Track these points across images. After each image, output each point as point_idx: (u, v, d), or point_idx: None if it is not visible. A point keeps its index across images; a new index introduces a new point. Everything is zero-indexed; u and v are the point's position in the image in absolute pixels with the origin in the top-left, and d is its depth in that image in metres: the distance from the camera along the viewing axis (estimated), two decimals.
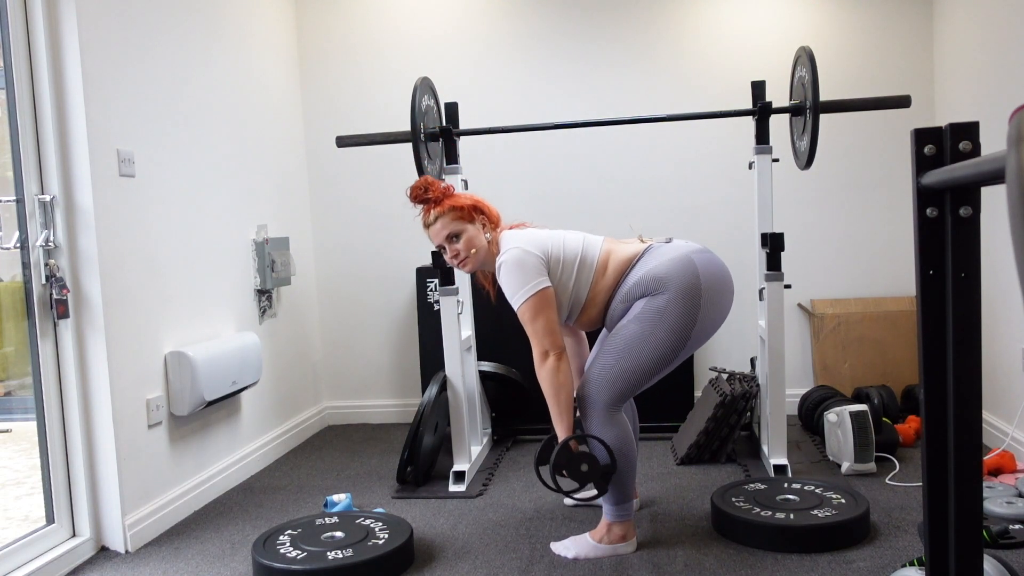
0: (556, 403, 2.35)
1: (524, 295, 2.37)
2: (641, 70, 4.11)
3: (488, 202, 2.59)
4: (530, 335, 2.39)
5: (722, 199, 4.09)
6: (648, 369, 2.36)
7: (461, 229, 2.52)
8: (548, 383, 2.36)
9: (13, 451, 3.37)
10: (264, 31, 3.89)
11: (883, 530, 2.52)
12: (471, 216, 2.52)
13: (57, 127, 2.52)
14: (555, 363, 2.35)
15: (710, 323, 2.37)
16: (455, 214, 2.51)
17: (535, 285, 2.37)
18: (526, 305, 2.37)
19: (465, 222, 2.52)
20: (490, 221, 2.55)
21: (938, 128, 1.19)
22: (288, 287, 3.95)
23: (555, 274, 2.42)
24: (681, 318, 2.32)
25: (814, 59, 2.90)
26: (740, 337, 4.11)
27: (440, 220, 2.52)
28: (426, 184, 2.55)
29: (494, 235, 2.54)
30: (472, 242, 2.52)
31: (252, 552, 2.37)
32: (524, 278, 2.37)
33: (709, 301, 2.34)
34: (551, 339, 2.36)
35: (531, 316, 2.37)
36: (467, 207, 2.52)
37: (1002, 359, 3.29)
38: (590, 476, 2.31)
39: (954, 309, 1.19)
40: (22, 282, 2.51)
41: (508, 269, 2.40)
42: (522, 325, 2.42)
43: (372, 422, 4.34)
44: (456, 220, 2.52)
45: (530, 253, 2.40)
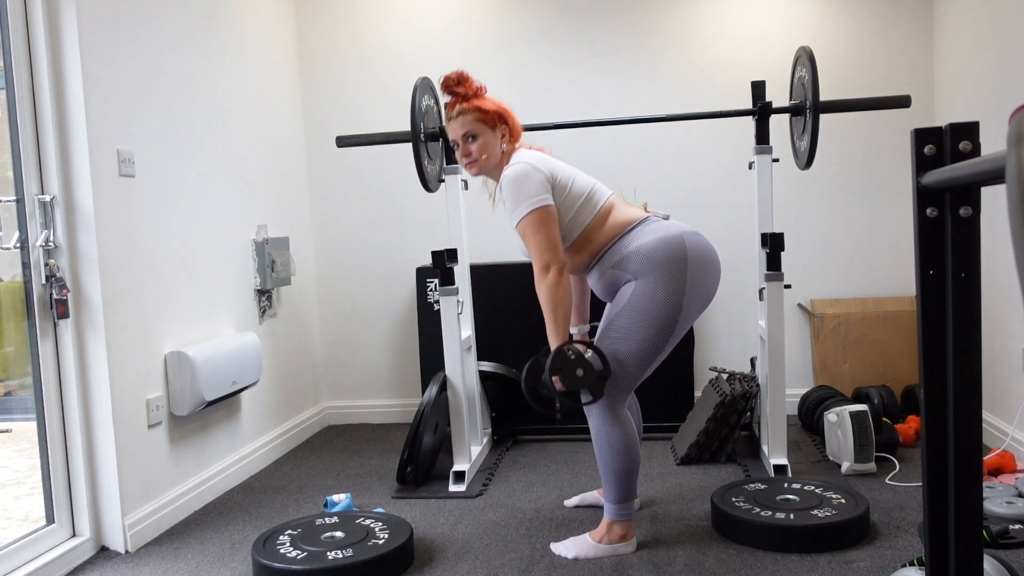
0: (553, 317, 2.32)
1: (525, 209, 2.35)
2: (641, 70, 4.11)
3: (515, 114, 2.56)
4: (530, 249, 2.36)
5: (722, 199, 4.09)
6: (643, 358, 2.36)
7: (479, 132, 2.51)
8: (547, 296, 2.32)
9: (13, 451, 3.38)
10: (264, 31, 3.89)
11: (883, 530, 2.52)
12: (493, 122, 2.50)
13: (57, 127, 2.52)
14: (555, 277, 2.32)
15: (697, 303, 2.38)
16: (478, 115, 2.50)
17: (537, 201, 2.35)
18: (527, 219, 2.35)
19: (486, 126, 2.50)
20: (511, 133, 2.53)
21: (938, 128, 1.19)
22: (288, 287, 3.95)
23: (558, 199, 2.40)
24: (668, 301, 2.31)
25: (814, 59, 2.90)
26: (740, 337, 4.11)
27: (462, 117, 2.51)
28: (460, 77, 2.53)
29: (510, 147, 2.52)
30: (486, 147, 2.51)
31: (252, 552, 2.37)
32: (528, 193, 2.35)
33: (695, 280, 2.34)
34: (552, 253, 2.33)
35: (532, 230, 2.34)
36: (492, 112, 2.50)
37: (1002, 359, 3.29)
38: (585, 381, 2.27)
39: (954, 309, 1.19)
40: (22, 282, 2.51)
41: (510, 183, 2.38)
42: (522, 241, 2.39)
43: (372, 422, 4.34)
44: (477, 122, 2.50)
45: (537, 170, 2.39)
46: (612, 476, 2.41)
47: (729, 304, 4.11)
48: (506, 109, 2.54)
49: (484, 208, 4.12)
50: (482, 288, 3.76)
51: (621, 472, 2.40)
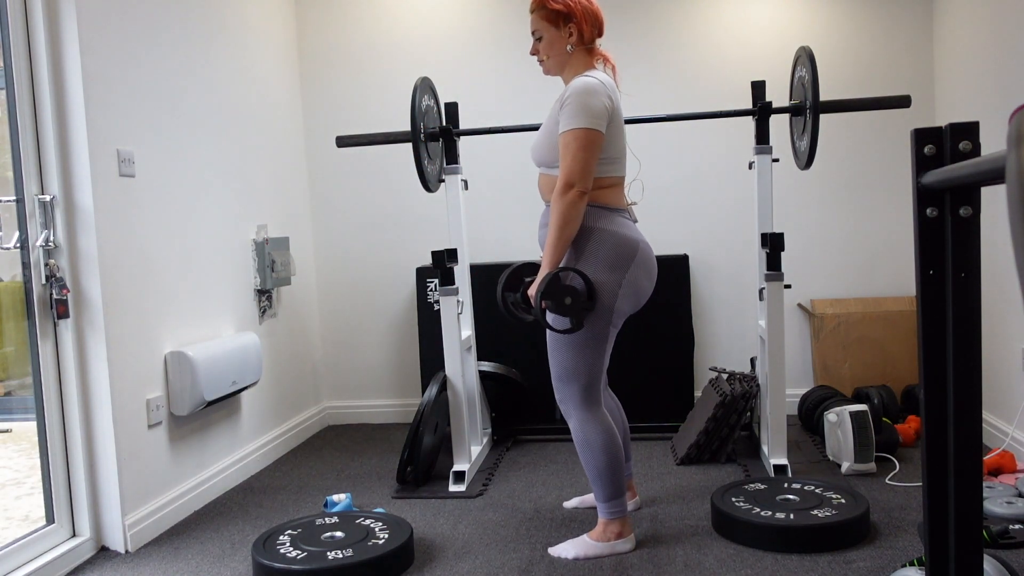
0: (559, 235, 2.29)
1: (580, 123, 2.29)
2: (641, 70, 4.11)
3: (591, 15, 2.48)
4: (565, 162, 2.29)
5: (722, 199, 4.09)
6: (591, 351, 2.36)
7: (544, 30, 2.47)
8: (562, 213, 2.28)
9: (13, 451, 3.37)
10: (264, 31, 3.89)
11: (883, 530, 2.52)
12: (557, 22, 2.45)
13: (57, 127, 2.52)
14: (575, 197, 2.29)
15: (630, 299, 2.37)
16: (543, 12, 2.45)
17: (596, 123, 2.30)
18: (577, 133, 2.28)
19: (551, 25, 2.45)
20: (580, 35, 2.46)
21: (938, 128, 1.19)
22: (288, 287, 3.95)
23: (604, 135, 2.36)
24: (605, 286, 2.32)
25: (814, 59, 2.90)
26: (740, 337, 4.11)
27: (534, 14, 2.48)
28: None
29: (578, 50, 2.46)
30: (550, 47, 2.47)
31: (252, 552, 2.38)
32: (590, 109, 2.30)
33: (633, 278, 2.35)
34: (583, 177, 2.29)
35: (577, 147, 2.28)
36: (556, 11, 2.44)
37: (1002, 359, 3.29)
38: (571, 309, 2.28)
39: (954, 309, 1.19)
40: (22, 282, 2.51)
41: (579, 91, 2.31)
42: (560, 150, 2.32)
43: (372, 422, 4.34)
44: (542, 20, 2.46)
45: (609, 97, 2.35)
46: (597, 475, 2.42)
47: (729, 304, 4.11)
48: (576, 9, 2.42)
49: (484, 208, 4.14)
50: (482, 288, 3.75)
51: (605, 469, 2.40)
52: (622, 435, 2.71)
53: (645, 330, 3.74)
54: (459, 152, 3.30)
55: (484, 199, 4.10)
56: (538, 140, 2.47)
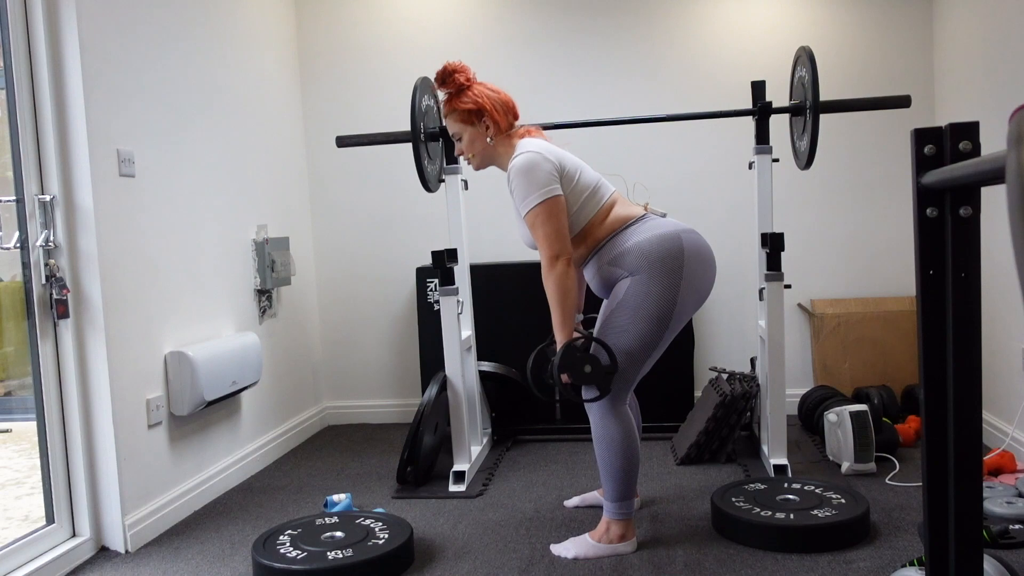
0: (561, 309, 2.32)
1: (535, 200, 2.34)
2: (641, 70, 4.11)
3: (500, 104, 2.52)
4: (539, 240, 2.36)
5: (722, 199, 4.09)
6: (639, 354, 2.36)
7: (462, 131, 2.54)
8: (555, 287, 2.32)
9: (13, 451, 3.37)
10: (264, 31, 3.89)
11: (883, 530, 2.52)
12: (472, 120, 2.51)
13: (57, 127, 2.52)
14: (564, 268, 2.32)
15: (692, 299, 2.38)
16: (456, 116, 2.52)
17: (547, 192, 2.34)
18: (536, 210, 2.34)
19: (466, 125, 2.52)
20: (495, 124, 2.51)
21: (938, 128, 1.19)
22: (288, 287, 3.95)
23: (565, 190, 2.39)
24: (663, 298, 2.32)
25: (814, 59, 2.90)
26: (740, 337, 4.11)
27: (448, 117, 2.55)
28: (443, 75, 2.52)
29: (499, 139, 2.51)
30: (472, 145, 2.54)
31: (252, 552, 2.37)
32: (538, 183, 2.34)
33: (690, 277, 2.35)
34: (561, 244, 2.33)
35: (543, 220, 2.34)
36: (469, 111, 2.50)
37: (1002, 359, 3.29)
38: (593, 377, 2.28)
39: (954, 309, 1.19)
40: (22, 282, 2.51)
41: (518, 172, 2.37)
42: (530, 231, 2.38)
43: (372, 422, 4.34)
44: (458, 122, 2.53)
45: (546, 159, 2.38)
46: (612, 474, 2.41)
47: (729, 304, 4.11)
48: (485, 104, 2.50)
49: (484, 208, 4.14)
50: (482, 288, 3.76)
51: (621, 470, 2.40)
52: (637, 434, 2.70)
53: None
54: None
55: (484, 199, 4.09)
56: (519, 228, 2.52)
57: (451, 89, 2.52)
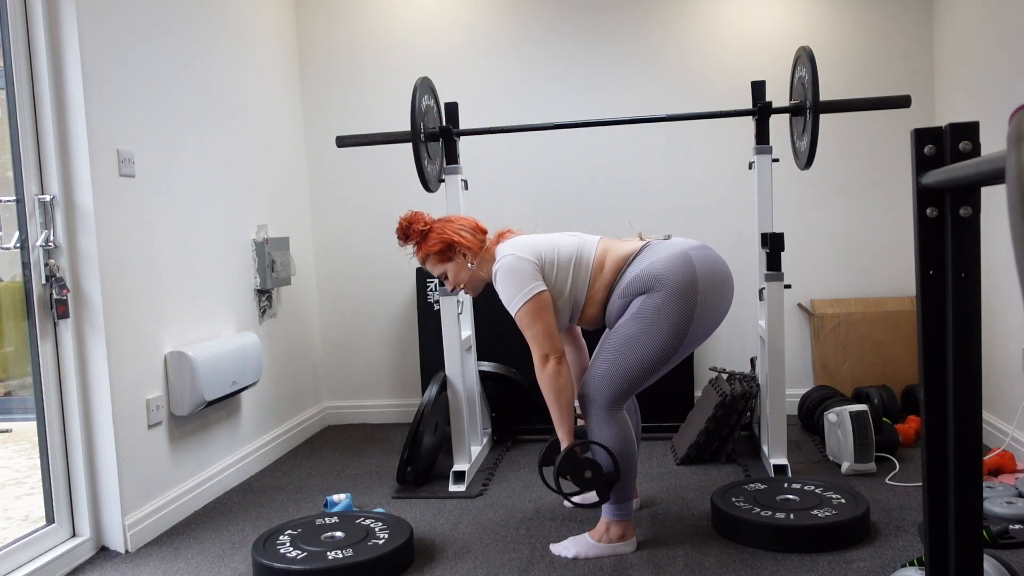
0: (557, 407, 2.36)
1: (520, 300, 2.39)
2: (641, 70, 4.11)
3: (466, 230, 2.59)
4: (529, 340, 2.41)
5: (722, 199, 4.09)
6: (646, 367, 2.36)
7: (443, 269, 2.61)
8: (549, 387, 2.37)
9: (13, 451, 3.37)
10: (264, 31, 3.89)
11: (883, 530, 2.52)
12: (448, 256, 2.58)
13: (57, 127, 2.52)
14: (555, 367, 2.36)
15: (708, 321, 2.37)
16: (434, 258, 2.60)
17: (531, 290, 2.38)
18: (523, 310, 2.39)
19: (445, 262, 2.60)
20: (469, 249, 2.57)
21: (938, 128, 1.19)
22: (288, 287, 3.95)
23: (550, 278, 2.43)
24: (678, 316, 2.32)
25: (814, 59, 2.90)
26: (740, 337, 4.11)
27: (427, 262, 2.63)
28: (404, 230, 2.60)
29: (479, 258, 2.57)
30: (457, 276, 2.61)
31: (252, 552, 2.38)
32: (519, 284, 2.39)
33: (706, 299, 2.34)
34: (550, 343, 2.38)
35: (529, 321, 2.39)
36: (440, 250, 2.57)
37: (1002, 359, 3.29)
38: (593, 483, 2.32)
39: (954, 309, 1.19)
40: (22, 282, 2.51)
41: (503, 277, 2.42)
42: (521, 331, 2.43)
43: (372, 422, 4.34)
44: (437, 263, 2.61)
45: (523, 259, 2.42)
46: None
47: None
48: (453, 237, 2.55)
49: (484, 208, 4.13)
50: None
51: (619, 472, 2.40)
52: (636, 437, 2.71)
53: None
54: (459, 152, 3.30)
55: (484, 199, 4.09)
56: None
57: (416, 239, 2.59)
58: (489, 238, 2.63)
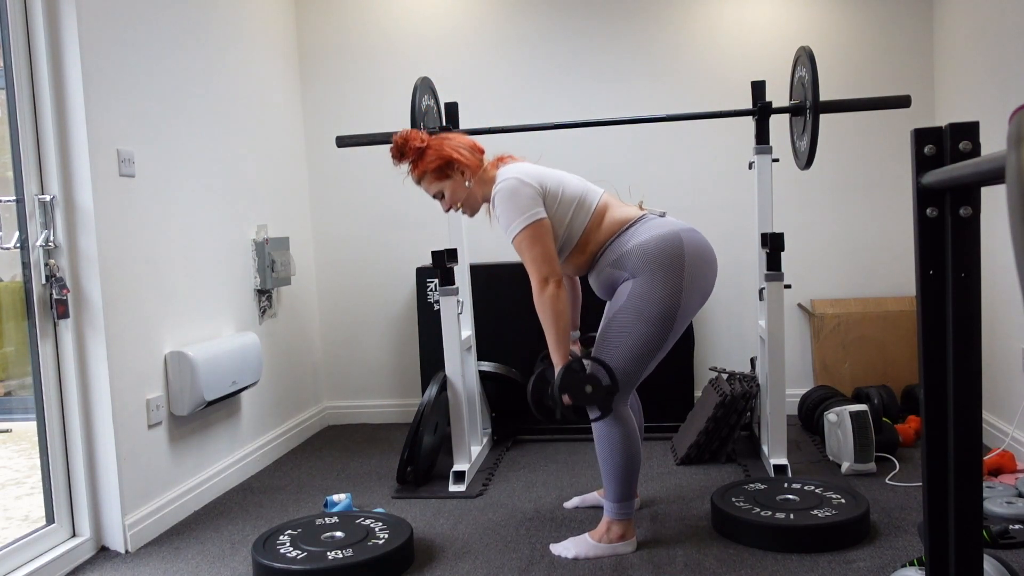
0: (555, 330, 2.33)
1: (519, 225, 2.35)
2: (641, 70, 4.11)
3: (464, 147, 2.54)
4: (528, 263, 2.36)
5: (722, 199, 4.09)
6: (643, 356, 2.36)
7: (440, 187, 2.54)
8: (548, 310, 2.33)
9: (13, 451, 3.38)
10: (264, 31, 3.89)
11: (883, 530, 2.52)
12: (445, 173, 2.52)
13: (57, 127, 2.52)
14: (555, 290, 2.33)
15: (695, 299, 2.38)
16: (431, 176, 2.53)
17: (532, 215, 2.35)
18: (522, 235, 2.35)
19: (442, 180, 2.53)
20: (467, 167, 2.52)
21: (938, 128, 1.19)
22: (288, 287, 3.95)
23: (550, 210, 2.40)
24: (666, 298, 2.32)
25: (814, 59, 2.90)
26: (740, 337, 4.11)
27: (423, 182, 2.56)
28: (400, 148, 2.54)
29: (476, 179, 2.52)
30: (455, 196, 2.55)
31: (252, 552, 2.38)
32: (520, 208, 2.35)
33: (692, 277, 2.35)
34: (549, 267, 2.34)
35: (528, 244, 2.34)
36: (438, 167, 2.51)
37: (1002, 359, 3.29)
38: (594, 397, 2.29)
39: (954, 309, 1.19)
40: (22, 282, 2.51)
41: (503, 199, 2.38)
42: (518, 255, 2.39)
43: (372, 422, 4.34)
44: (433, 181, 2.54)
45: (526, 184, 2.38)
46: (613, 474, 2.41)
47: (729, 304, 4.11)
48: (451, 153, 2.51)
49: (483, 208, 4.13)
50: (482, 288, 3.76)
51: (622, 470, 2.40)
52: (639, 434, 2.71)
53: None
54: None
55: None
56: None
57: (412, 157, 2.54)
58: (487, 159, 2.58)
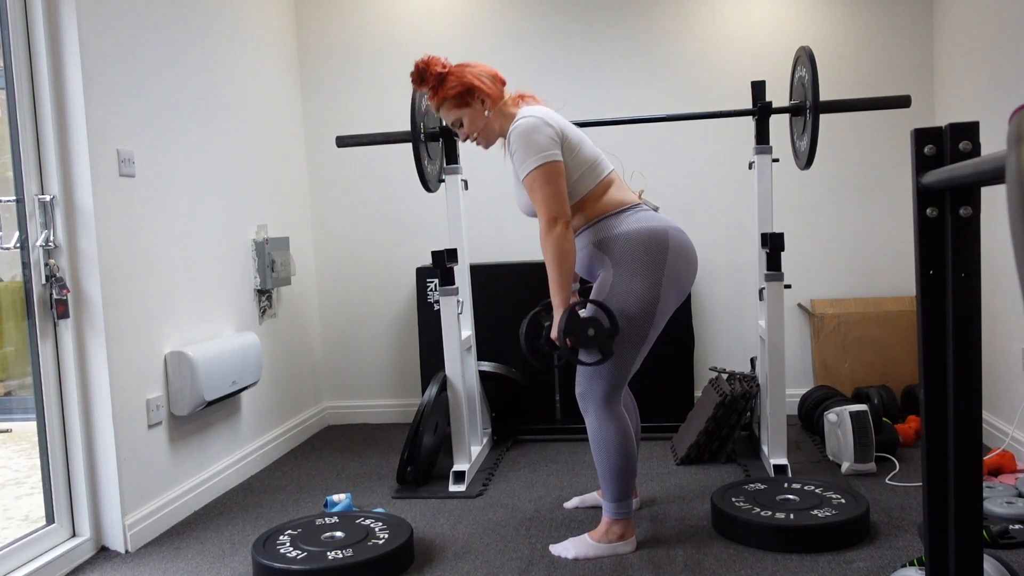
0: (559, 271, 2.30)
1: (535, 163, 2.32)
2: (641, 70, 4.11)
3: (486, 75, 2.52)
4: (538, 203, 2.33)
5: (722, 199, 4.09)
6: (627, 352, 2.35)
7: (459, 115, 2.51)
8: (554, 249, 2.30)
9: (13, 451, 3.38)
10: (264, 31, 3.89)
11: (883, 530, 2.52)
12: (465, 101, 2.49)
13: (57, 127, 2.52)
14: (562, 230, 2.30)
15: (673, 294, 2.37)
16: (450, 103, 2.50)
17: (547, 156, 2.32)
18: (536, 172, 2.32)
19: (461, 108, 2.50)
20: (488, 96, 2.50)
21: (938, 128, 1.19)
22: (288, 287, 3.95)
23: (565, 158, 2.37)
24: (645, 293, 2.31)
25: (814, 59, 2.90)
26: (740, 337, 4.11)
27: (441, 108, 2.53)
28: (420, 73, 2.50)
29: (496, 109, 2.50)
30: (473, 124, 2.52)
31: (252, 552, 2.37)
32: (537, 147, 2.32)
33: (672, 272, 2.35)
34: (559, 207, 2.31)
35: (541, 183, 2.31)
36: (458, 94, 2.48)
37: (1002, 359, 3.29)
38: (597, 339, 2.27)
39: (954, 309, 1.19)
40: (22, 282, 2.51)
41: (519, 136, 2.35)
42: (529, 195, 2.36)
43: (372, 422, 4.34)
44: (452, 108, 2.51)
45: (548, 125, 2.36)
46: (609, 474, 2.41)
47: (729, 304, 4.11)
48: (472, 81, 2.48)
49: (484, 208, 4.14)
50: (482, 288, 3.76)
51: (618, 470, 2.40)
52: (635, 435, 2.71)
53: None
54: (459, 152, 3.30)
55: (484, 199, 4.10)
56: (517, 194, 2.50)
57: (432, 83, 2.50)
58: (509, 93, 2.56)
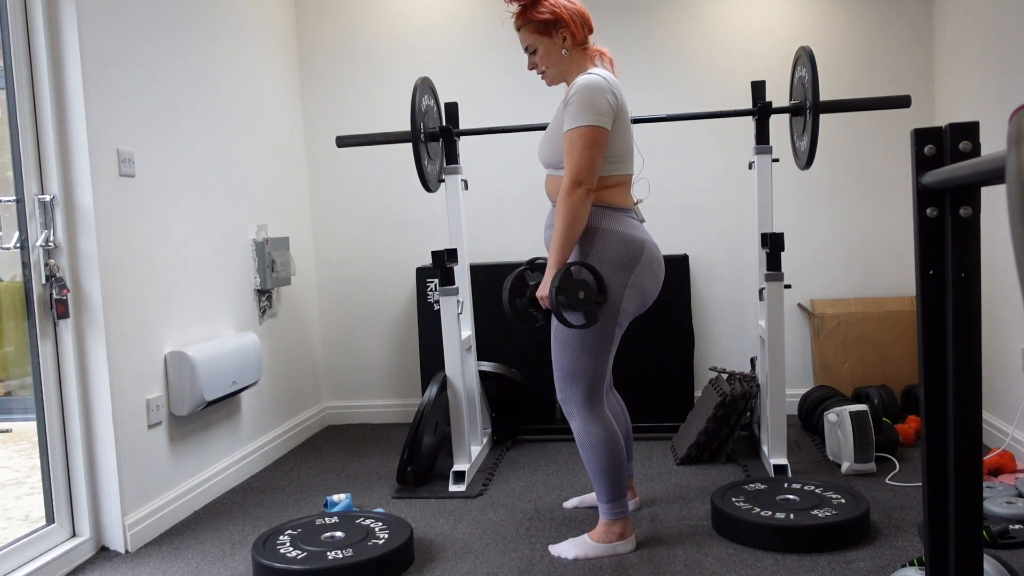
0: (567, 233, 2.28)
1: (586, 121, 2.27)
2: (641, 70, 4.11)
3: (578, 15, 2.46)
4: (571, 161, 2.28)
5: (722, 199, 4.09)
6: (595, 351, 2.35)
7: (537, 43, 2.47)
8: (569, 211, 2.27)
9: (13, 451, 3.38)
10: (264, 31, 3.89)
11: (883, 530, 2.52)
12: (548, 31, 2.45)
13: (57, 127, 2.52)
14: (583, 196, 2.28)
15: (634, 303, 2.37)
16: (532, 27, 2.46)
17: (600, 121, 2.28)
18: (583, 130, 2.27)
19: (541, 36, 2.46)
20: (572, 36, 2.45)
21: (938, 128, 1.19)
22: (288, 287, 3.95)
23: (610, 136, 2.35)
24: (611, 288, 2.32)
25: (814, 59, 2.90)
26: (740, 337, 4.11)
27: (522, 30, 2.49)
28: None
29: (574, 52, 2.46)
30: (547, 57, 2.47)
31: (252, 552, 2.38)
32: (596, 108, 2.29)
33: (638, 279, 2.35)
34: (589, 174, 2.28)
35: (582, 145, 2.27)
36: (545, 21, 2.43)
37: (1002, 359, 3.29)
38: (585, 303, 2.27)
39: (954, 309, 1.19)
40: (22, 282, 2.51)
41: (585, 87, 2.30)
42: (564, 149, 2.32)
43: (372, 422, 4.34)
44: (533, 34, 2.46)
45: (613, 94, 2.33)
46: (600, 475, 2.41)
47: (729, 304, 4.11)
48: (563, 14, 2.41)
49: (484, 208, 4.14)
50: (482, 288, 3.76)
51: (608, 470, 2.40)
52: (625, 436, 2.71)
53: (645, 330, 3.73)
54: (459, 152, 3.30)
55: (484, 199, 4.10)
56: (545, 141, 2.46)
57: (526, 1, 2.45)
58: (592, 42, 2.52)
